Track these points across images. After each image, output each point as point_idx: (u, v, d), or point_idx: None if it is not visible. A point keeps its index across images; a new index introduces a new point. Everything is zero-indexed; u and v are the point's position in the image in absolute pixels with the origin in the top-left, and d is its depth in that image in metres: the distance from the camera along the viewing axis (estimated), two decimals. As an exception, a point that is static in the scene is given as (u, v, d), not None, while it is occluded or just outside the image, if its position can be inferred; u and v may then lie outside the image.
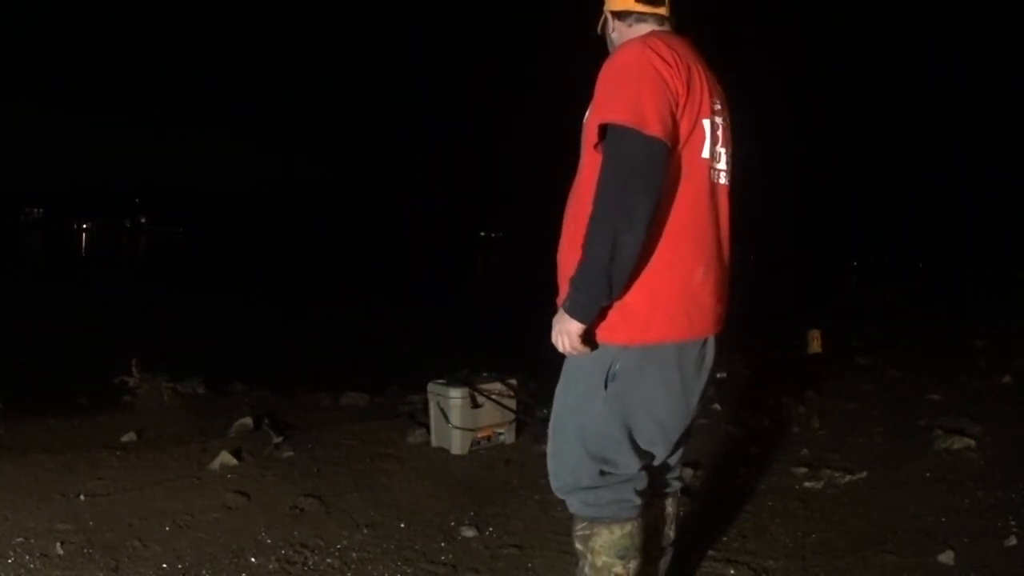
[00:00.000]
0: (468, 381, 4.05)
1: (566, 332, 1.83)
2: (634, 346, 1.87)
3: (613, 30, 2.05)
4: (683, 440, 2.10)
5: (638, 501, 1.95)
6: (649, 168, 1.74)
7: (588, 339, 1.86)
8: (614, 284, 1.77)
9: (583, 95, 1.95)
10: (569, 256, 1.95)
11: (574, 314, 1.81)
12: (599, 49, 2.06)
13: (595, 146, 1.83)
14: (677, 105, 1.81)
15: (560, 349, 1.88)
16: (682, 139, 1.84)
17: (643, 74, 1.79)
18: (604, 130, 1.80)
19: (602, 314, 1.85)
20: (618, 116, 1.75)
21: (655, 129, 1.74)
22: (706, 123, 1.89)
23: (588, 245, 1.77)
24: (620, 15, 2.03)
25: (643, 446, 1.97)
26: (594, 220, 1.76)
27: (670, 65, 1.81)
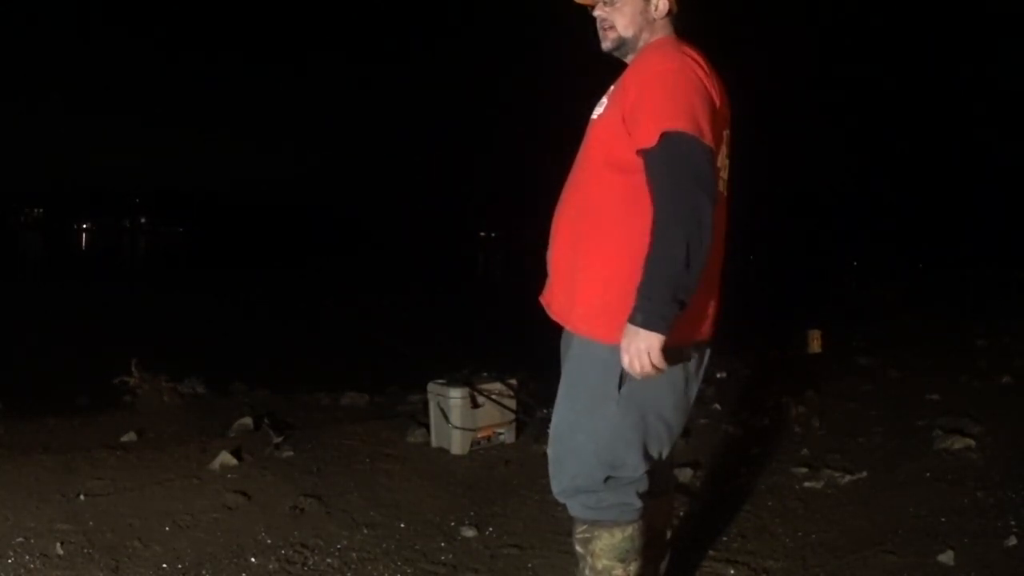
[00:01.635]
0: (468, 381, 4.05)
1: (647, 349, 1.70)
2: None
3: (650, 17, 1.95)
4: (678, 440, 2.12)
5: (639, 504, 1.95)
6: (710, 176, 1.74)
7: (667, 350, 1.73)
8: (690, 289, 1.72)
9: (582, 94, 1.94)
10: (564, 254, 1.96)
11: (654, 327, 1.70)
12: (597, 49, 2.04)
13: (638, 151, 1.79)
14: (715, 115, 1.83)
15: (639, 371, 1.74)
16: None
17: (691, 83, 1.79)
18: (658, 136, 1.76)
19: (614, 317, 1.81)
20: (678, 123, 1.74)
21: (708, 138, 1.75)
22: (726, 133, 1.92)
23: (661, 254, 1.71)
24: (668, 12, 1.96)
25: (652, 447, 1.97)
26: (663, 227, 1.72)
27: (707, 76, 1.83)
